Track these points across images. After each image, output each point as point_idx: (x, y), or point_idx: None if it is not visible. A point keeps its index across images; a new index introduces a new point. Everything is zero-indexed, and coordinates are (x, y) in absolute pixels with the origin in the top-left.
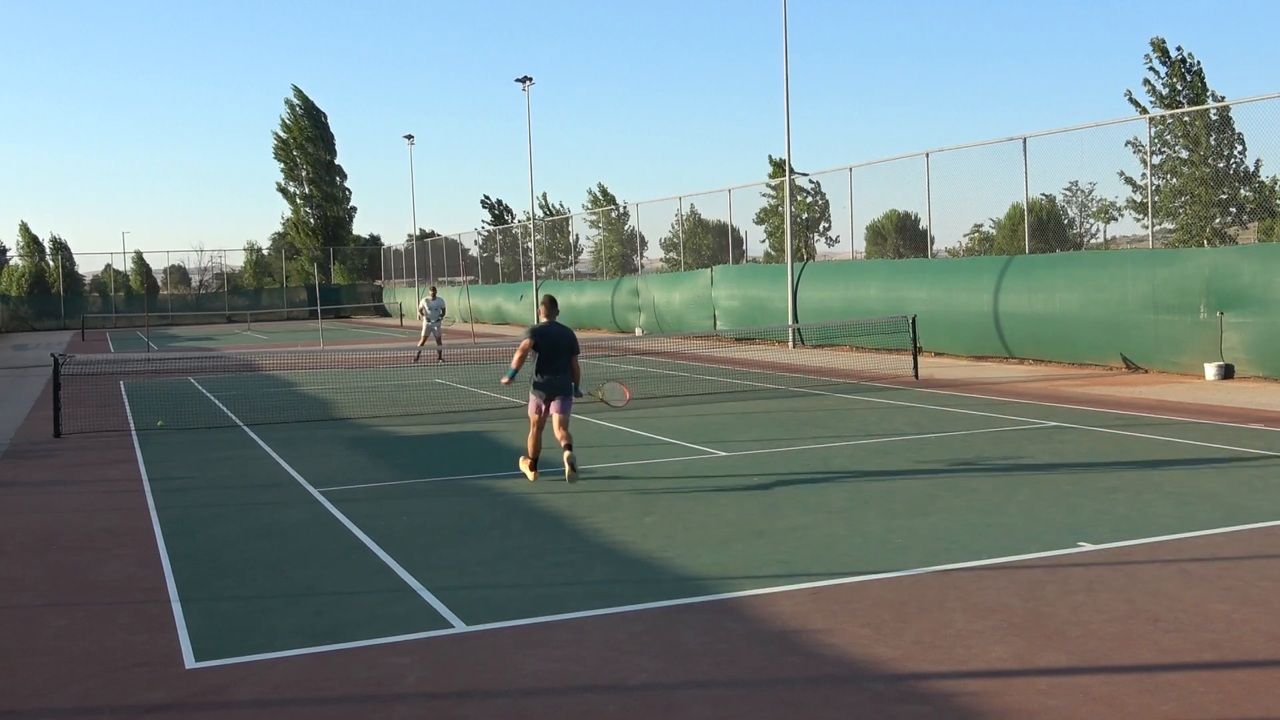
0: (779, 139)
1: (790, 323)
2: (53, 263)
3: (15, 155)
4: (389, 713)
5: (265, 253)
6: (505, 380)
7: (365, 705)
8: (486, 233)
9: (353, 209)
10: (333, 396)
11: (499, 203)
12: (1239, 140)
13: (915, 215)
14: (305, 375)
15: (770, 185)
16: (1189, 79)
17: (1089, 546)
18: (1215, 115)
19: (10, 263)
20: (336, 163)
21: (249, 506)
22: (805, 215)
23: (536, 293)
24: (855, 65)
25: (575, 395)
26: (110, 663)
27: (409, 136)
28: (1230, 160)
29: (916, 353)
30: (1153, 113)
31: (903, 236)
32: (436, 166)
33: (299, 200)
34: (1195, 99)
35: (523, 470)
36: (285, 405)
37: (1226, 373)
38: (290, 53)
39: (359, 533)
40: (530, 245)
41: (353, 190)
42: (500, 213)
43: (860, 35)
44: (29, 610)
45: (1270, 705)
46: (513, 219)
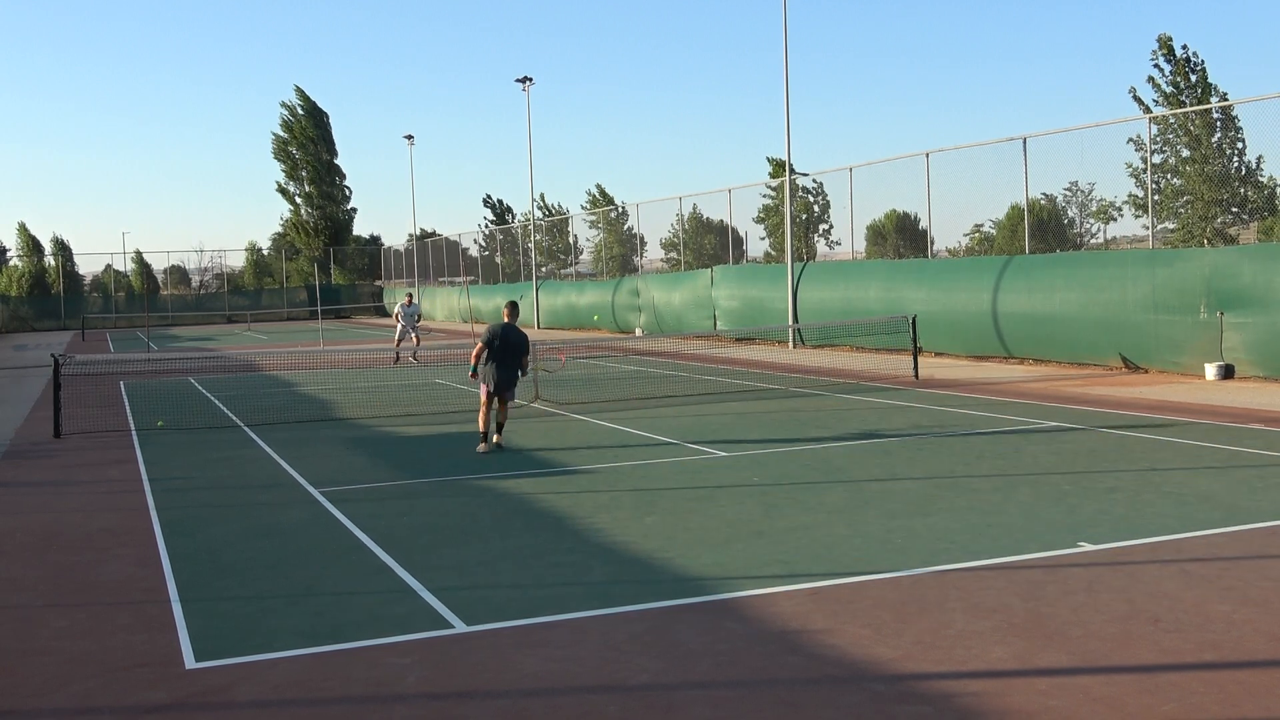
0: (779, 139)
1: (790, 323)
2: (53, 262)
3: (15, 155)
4: (389, 713)
5: (265, 253)
6: (471, 375)
7: (365, 705)
8: (488, 232)
9: (353, 209)
10: (333, 397)
11: (500, 202)
12: (1240, 139)
13: (915, 215)
14: (305, 375)
15: (771, 185)
16: (1193, 79)
17: (1089, 547)
18: (1218, 114)
19: (10, 263)
20: (337, 163)
21: (249, 507)
22: (805, 215)
23: (536, 293)
24: (855, 65)
25: (521, 374)
26: (110, 663)
27: (409, 136)
28: (1231, 159)
29: (916, 353)
30: (1154, 112)
31: (903, 236)
32: (437, 166)
33: (299, 200)
34: (1199, 99)
35: (479, 447)
36: (285, 405)
37: (1226, 373)
38: (290, 53)
39: (359, 533)
40: (530, 245)
41: (353, 190)
42: (502, 212)
43: (860, 35)
44: (29, 610)
45: (1270, 705)
46: (514, 219)
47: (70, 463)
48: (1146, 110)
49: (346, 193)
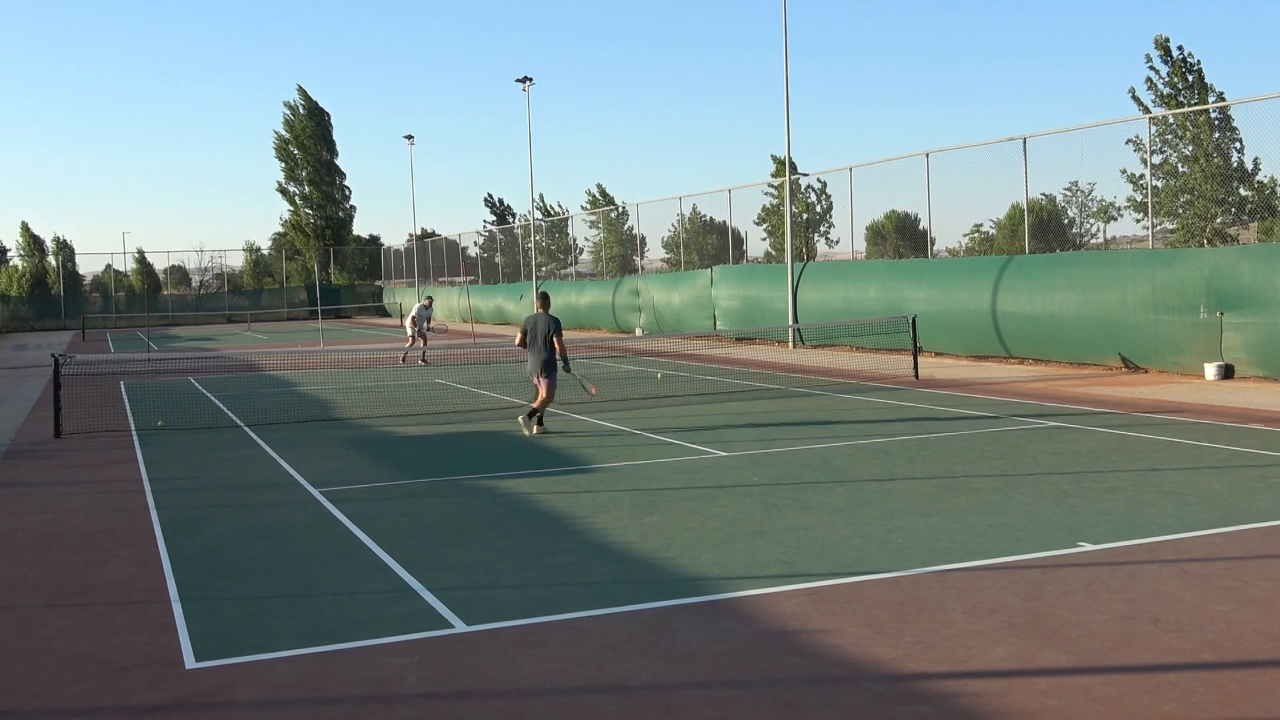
0: (779, 139)
1: (790, 323)
2: (54, 261)
3: (16, 155)
4: (389, 713)
5: (265, 253)
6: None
7: (365, 705)
8: (488, 232)
9: (353, 209)
10: (333, 396)
11: (500, 201)
12: (1239, 139)
13: (915, 215)
14: (305, 375)
15: (771, 185)
16: (1190, 79)
17: (1089, 546)
18: (1216, 114)
19: (10, 263)
20: (337, 163)
21: (249, 507)
22: (806, 215)
23: (536, 293)
24: (855, 65)
25: (564, 369)
26: (111, 663)
27: (409, 136)
28: (1230, 159)
29: (916, 353)
30: (1154, 112)
31: (903, 236)
32: (437, 166)
33: (299, 200)
34: (1196, 100)
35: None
36: (285, 405)
37: (1226, 373)
38: (290, 53)
39: (359, 533)
40: (530, 246)
41: (353, 190)
42: (503, 212)
43: (860, 36)
44: (29, 610)
45: (1270, 705)
46: (514, 218)
47: (70, 463)
48: (1145, 110)
49: (347, 192)
